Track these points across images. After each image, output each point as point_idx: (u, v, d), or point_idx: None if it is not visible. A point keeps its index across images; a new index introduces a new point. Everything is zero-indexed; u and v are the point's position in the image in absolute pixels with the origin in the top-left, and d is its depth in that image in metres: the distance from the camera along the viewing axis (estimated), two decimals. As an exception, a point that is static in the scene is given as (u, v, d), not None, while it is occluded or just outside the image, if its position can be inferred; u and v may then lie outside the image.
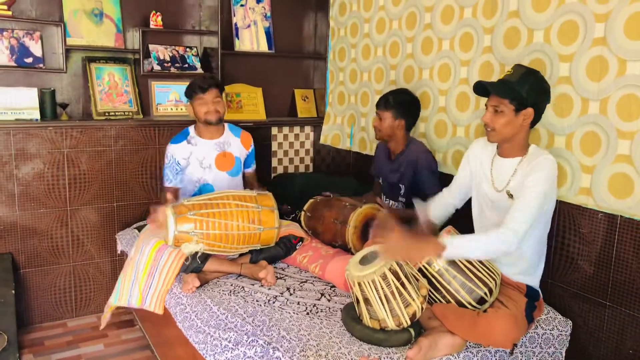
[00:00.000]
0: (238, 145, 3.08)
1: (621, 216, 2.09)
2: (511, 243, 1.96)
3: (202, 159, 2.98)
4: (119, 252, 3.29)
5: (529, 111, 2.08)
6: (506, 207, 2.11)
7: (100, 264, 3.44)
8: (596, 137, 2.15)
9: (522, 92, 2.05)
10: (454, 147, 2.86)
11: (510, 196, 2.12)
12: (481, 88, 2.18)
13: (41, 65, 3.17)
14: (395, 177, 2.88)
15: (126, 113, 3.39)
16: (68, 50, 3.24)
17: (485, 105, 2.16)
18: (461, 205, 2.47)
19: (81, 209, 3.32)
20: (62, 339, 3.16)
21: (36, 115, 3.11)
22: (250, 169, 3.22)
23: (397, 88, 2.96)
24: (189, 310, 2.28)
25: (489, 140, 2.18)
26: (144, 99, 3.53)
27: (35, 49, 3.15)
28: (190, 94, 2.94)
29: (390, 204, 2.96)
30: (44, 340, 3.14)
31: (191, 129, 3.03)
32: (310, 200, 3.06)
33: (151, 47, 3.49)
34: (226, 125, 3.09)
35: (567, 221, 2.30)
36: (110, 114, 3.33)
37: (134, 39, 3.45)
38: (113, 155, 3.36)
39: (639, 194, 2.01)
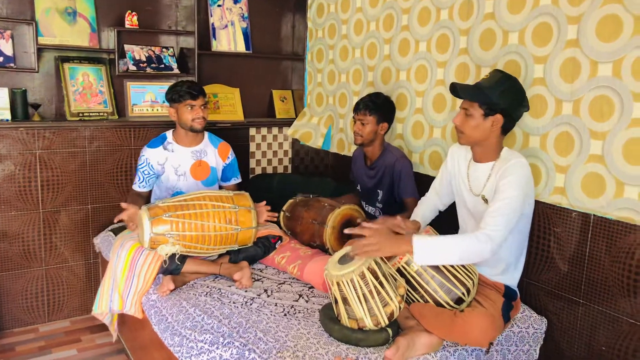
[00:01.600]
0: (214, 155, 3.04)
1: (594, 215, 2.12)
2: (485, 249, 1.95)
3: (178, 166, 2.94)
4: (103, 257, 3.24)
5: (498, 117, 2.09)
6: (482, 211, 2.13)
7: (74, 267, 3.37)
8: (570, 137, 2.18)
9: (493, 97, 2.06)
10: (430, 148, 2.87)
11: (485, 201, 2.14)
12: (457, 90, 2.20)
13: (12, 64, 3.10)
14: (373, 183, 2.89)
15: (101, 114, 3.34)
16: (40, 50, 3.18)
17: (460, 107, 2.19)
18: (444, 208, 2.49)
19: (54, 212, 3.25)
20: (34, 345, 3.09)
21: (7, 115, 3.04)
22: (230, 183, 3.14)
23: (372, 92, 2.95)
24: (164, 313, 2.25)
25: (459, 143, 2.21)
26: (119, 100, 3.49)
27: (6, 48, 3.09)
28: (177, 98, 2.87)
29: (369, 209, 2.97)
30: (15, 345, 3.07)
31: (169, 134, 2.99)
32: (290, 201, 3.05)
33: (127, 47, 3.45)
34: (206, 133, 3.05)
35: (542, 220, 2.33)
36: (85, 114, 3.28)
37: (109, 38, 3.40)
38: (87, 156, 3.30)
39: (611, 193, 2.05)
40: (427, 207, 2.49)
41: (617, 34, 1.99)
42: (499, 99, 2.06)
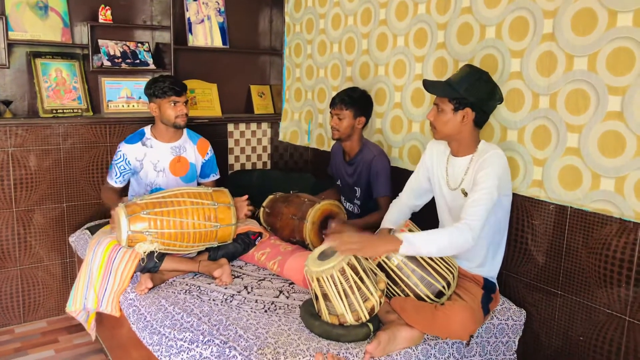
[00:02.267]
0: (193, 152, 3.01)
1: (571, 207, 2.15)
2: (467, 238, 1.96)
3: (156, 162, 2.90)
4: (79, 256, 3.18)
5: (468, 111, 2.11)
6: (462, 205, 2.14)
7: (50, 267, 3.31)
8: (547, 130, 2.20)
9: (460, 91, 2.08)
10: (409, 143, 2.88)
11: (465, 194, 2.15)
12: None
13: (-18, 60, 3.02)
14: (352, 180, 2.88)
15: (75, 110, 3.27)
16: (10, 45, 3.10)
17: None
18: (418, 209, 2.49)
19: (29, 210, 3.18)
20: (9, 346, 3.02)
21: (-23, 112, 2.97)
22: (209, 179, 3.12)
23: (348, 87, 2.95)
24: (143, 311, 2.21)
25: (434, 138, 2.24)
26: (93, 96, 3.42)
27: (-24, 43, 3.01)
28: (160, 94, 2.81)
29: (347, 206, 2.97)
30: (-10, 348, 3.01)
31: (147, 130, 2.94)
32: (269, 197, 3.03)
33: (101, 42, 3.38)
34: (185, 129, 3.01)
35: (520, 213, 2.35)
36: (58, 111, 3.21)
37: (82, 33, 3.33)
38: (62, 154, 3.23)
39: (587, 185, 2.07)
40: (398, 211, 2.47)
41: (592, 28, 2.02)
42: (467, 94, 2.08)
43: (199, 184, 3.12)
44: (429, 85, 2.19)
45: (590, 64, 2.03)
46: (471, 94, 2.09)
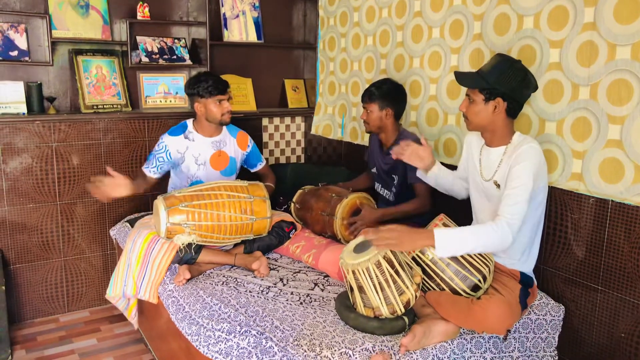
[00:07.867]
0: (234, 146, 3.06)
1: (612, 201, 2.10)
2: (507, 238, 1.95)
3: (198, 156, 2.95)
4: (120, 248, 3.28)
5: (499, 101, 2.08)
6: (495, 195, 2.14)
7: (92, 259, 3.41)
8: (587, 122, 2.15)
9: (490, 81, 2.06)
10: (445, 135, 2.85)
11: (498, 186, 2.13)
12: None
13: (27, 58, 3.13)
14: (388, 168, 2.88)
15: (115, 106, 3.35)
16: (54, 43, 3.20)
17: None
18: (466, 194, 2.46)
19: (71, 203, 3.29)
20: (54, 334, 3.14)
21: (23, 109, 3.07)
22: (258, 167, 3.21)
23: (379, 79, 2.94)
24: (181, 302, 2.27)
25: (467, 129, 2.22)
26: (132, 92, 3.50)
27: (21, 42, 3.11)
28: (205, 94, 2.85)
29: (385, 193, 2.96)
30: (36, 335, 3.12)
31: (189, 123, 2.98)
32: (299, 191, 3.04)
33: (139, 38, 3.45)
34: None
35: (558, 207, 2.30)
36: (99, 107, 3.30)
37: (121, 30, 3.41)
38: (102, 148, 3.33)
39: (630, 178, 2.02)
40: (452, 178, 2.45)
41: (635, 15, 1.95)
42: (498, 83, 2.05)
43: (253, 174, 3.20)
44: (459, 76, 2.18)
45: (633, 53, 1.97)
46: (502, 84, 2.06)
